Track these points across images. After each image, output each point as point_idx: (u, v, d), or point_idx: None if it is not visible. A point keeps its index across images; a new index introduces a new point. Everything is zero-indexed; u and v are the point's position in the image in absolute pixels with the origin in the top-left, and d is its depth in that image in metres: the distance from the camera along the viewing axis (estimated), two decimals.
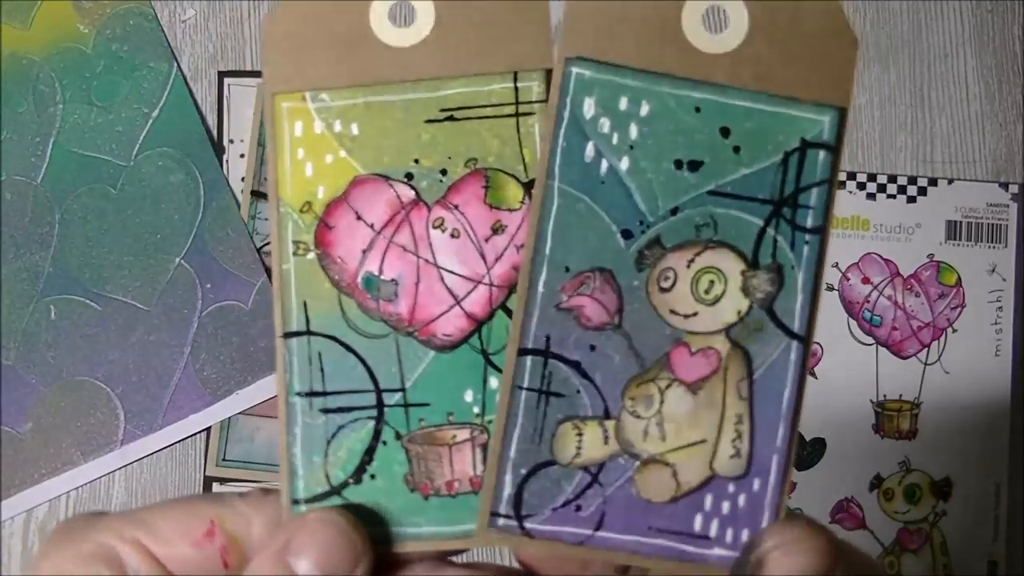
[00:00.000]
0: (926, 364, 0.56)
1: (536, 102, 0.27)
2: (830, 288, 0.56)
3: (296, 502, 0.26)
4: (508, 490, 0.27)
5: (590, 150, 0.27)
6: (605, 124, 0.27)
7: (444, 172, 0.27)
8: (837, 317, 0.56)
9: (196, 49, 0.58)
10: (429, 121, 0.27)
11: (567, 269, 0.27)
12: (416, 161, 0.27)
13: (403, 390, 0.27)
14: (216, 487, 0.56)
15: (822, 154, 0.27)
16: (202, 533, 0.26)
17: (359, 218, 0.27)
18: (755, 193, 0.27)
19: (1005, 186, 0.56)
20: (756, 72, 0.27)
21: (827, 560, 0.25)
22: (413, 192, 0.27)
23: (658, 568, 0.26)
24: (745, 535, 0.27)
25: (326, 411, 0.27)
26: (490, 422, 0.27)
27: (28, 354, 0.56)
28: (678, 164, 0.27)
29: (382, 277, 0.27)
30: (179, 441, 0.56)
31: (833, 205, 0.27)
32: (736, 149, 0.27)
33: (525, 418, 0.27)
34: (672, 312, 0.27)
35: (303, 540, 0.25)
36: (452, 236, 0.27)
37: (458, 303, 0.27)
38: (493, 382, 0.27)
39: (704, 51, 0.27)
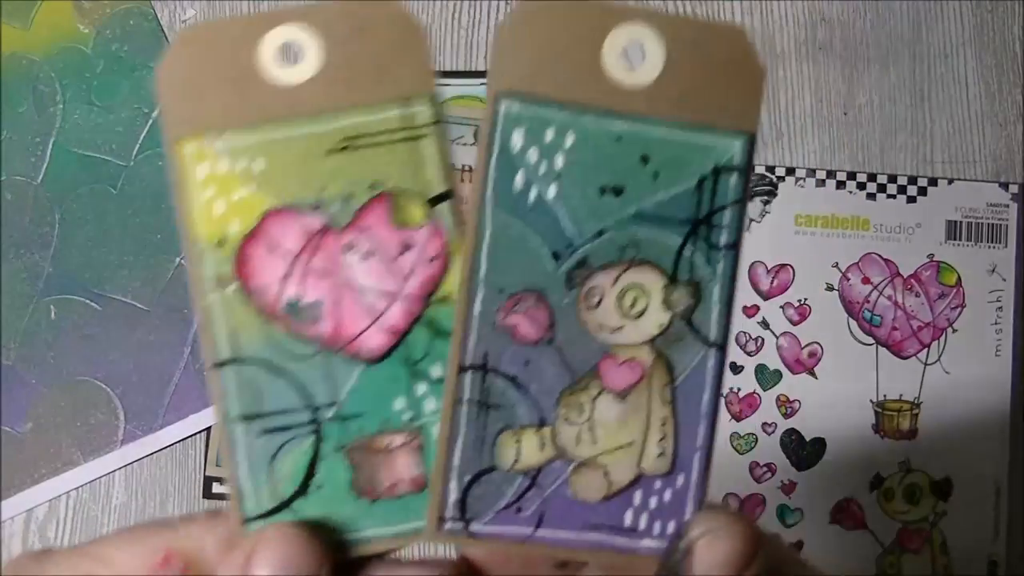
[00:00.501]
0: (926, 364, 0.56)
1: (426, 125, 0.29)
2: (830, 288, 0.56)
3: (248, 520, 0.28)
4: (454, 496, 0.29)
5: (520, 179, 0.29)
6: (533, 154, 0.29)
7: (350, 198, 0.29)
8: (837, 317, 0.56)
9: None
10: (330, 152, 0.29)
11: (501, 290, 0.29)
12: (322, 190, 0.29)
13: (337, 404, 0.29)
14: (216, 487, 0.56)
15: (734, 177, 0.30)
16: (158, 561, 0.27)
17: (275, 248, 0.29)
18: (674, 215, 0.30)
19: (1005, 186, 0.56)
20: (671, 103, 0.29)
21: (749, 545, 0.27)
22: (322, 220, 0.29)
23: (594, 560, 0.29)
24: (672, 527, 0.29)
25: (265, 431, 0.28)
26: (421, 427, 0.29)
27: (28, 354, 0.56)
28: (602, 190, 0.29)
29: (304, 301, 0.29)
30: (179, 441, 0.56)
31: (744, 222, 0.30)
32: (655, 175, 0.29)
33: (467, 429, 0.29)
34: (600, 327, 0.29)
35: (264, 553, 0.26)
36: (364, 257, 0.29)
37: (377, 319, 0.29)
38: (420, 388, 0.29)
39: (623, 84, 0.29)
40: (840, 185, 0.56)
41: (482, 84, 0.57)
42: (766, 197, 0.56)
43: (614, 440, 0.30)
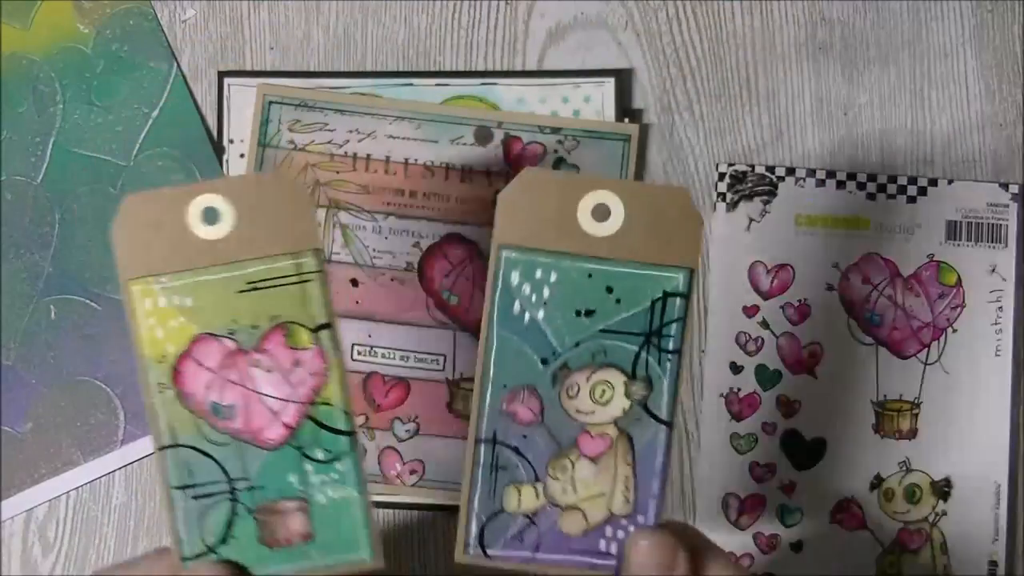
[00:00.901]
0: (926, 364, 0.56)
1: (311, 272, 0.40)
2: (830, 288, 0.56)
3: (185, 559, 0.39)
4: (475, 530, 0.41)
5: (517, 306, 0.40)
6: (526, 288, 0.40)
7: (256, 327, 0.40)
8: (837, 317, 0.56)
9: (196, 49, 0.58)
10: (240, 292, 0.40)
11: (504, 386, 0.40)
12: (234, 321, 0.40)
13: (247, 479, 0.40)
14: None
15: (678, 300, 0.41)
16: None
17: (200, 365, 0.40)
18: (632, 329, 0.41)
19: (1005, 186, 0.56)
20: (630, 248, 0.40)
21: (667, 548, 0.39)
22: (235, 343, 0.40)
23: None
24: None
25: (196, 497, 0.40)
26: (308, 496, 0.40)
27: (28, 354, 0.56)
28: (577, 313, 0.41)
29: (222, 404, 0.40)
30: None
31: (688, 333, 0.41)
32: (618, 300, 0.41)
33: (483, 484, 0.41)
34: (578, 411, 0.41)
35: None
36: (267, 371, 0.40)
37: (276, 417, 0.40)
38: (308, 467, 0.40)
39: (593, 235, 0.40)
40: (840, 185, 0.56)
41: (482, 84, 0.56)
42: (766, 197, 0.56)
43: (590, 491, 0.42)
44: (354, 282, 0.56)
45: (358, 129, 0.56)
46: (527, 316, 0.41)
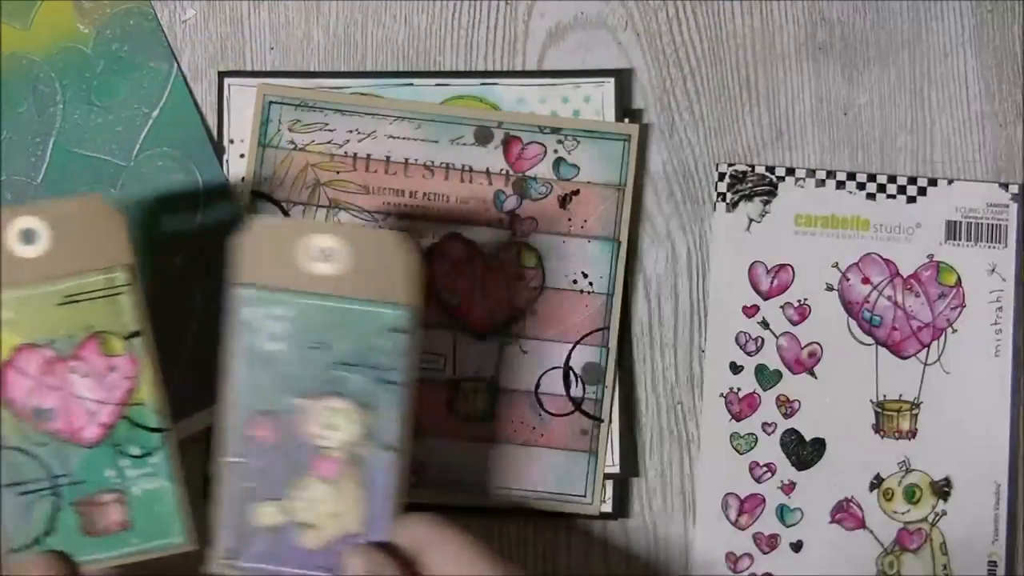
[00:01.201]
0: (926, 364, 0.56)
1: (122, 285, 0.45)
2: (830, 288, 0.56)
3: (14, 550, 0.44)
4: (225, 544, 0.45)
5: (255, 340, 0.45)
6: (264, 323, 0.45)
7: (72, 337, 0.45)
8: (837, 317, 0.56)
9: (196, 49, 0.58)
10: (58, 305, 0.45)
11: (247, 412, 0.45)
12: (53, 332, 0.45)
13: (68, 474, 0.45)
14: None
15: (400, 336, 0.45)
16: None
17: (23, 372, 0.45)
18: (360, 362, 0.46)
19: (1005, 186, 0.56)
20: (356, 286, 0.45)
21: (371, 560, 0.44)
22: (54, 352, 0.45)
23: None
24: None
25: (23, 494, 0.44)
26: (125, 488, 0.45)
27: None
28: (311, 346, 0.45)
29: (44, 407, 0.45)
30: (179, 441, 0.55)
31: (412, 369, 0.45)
32: (347, 335, 0.45)
33: (231, 501, 0.45)
34: (312, 436, 0.46)
35: (29, 567, 0.44)
36: (83, 376, 0.45)
37: (93, 417, 0.45)
38: (123, 463, 0.45)
39: (323, 275, 0.45)
40: (840, 185, 0.56)
41: (482, 84, 0.56)
42: (766, 197, 0.56)
43: (326, 510, 0.46)
44: None
45: (358, 129, 0.56)
46: (265, 349, 0.46)
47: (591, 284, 0.55)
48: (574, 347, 0.55)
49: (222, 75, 0.57)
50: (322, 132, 0.56)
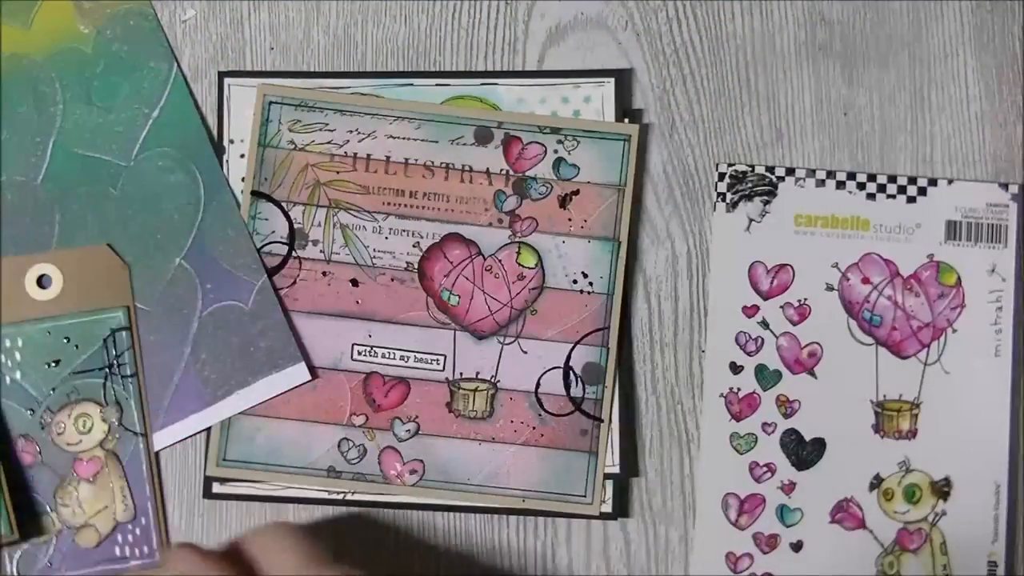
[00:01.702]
0: (926, 364, 0.56)
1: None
2: (830, 288, 0.56)
3: None
4: (11, 563, 0.52)
5: None
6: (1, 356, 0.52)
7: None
8: (837, 317, 0.56)
9: (196, 49, 0.58)
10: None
11: (6, 439, 0.52)
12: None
13: None
14: (216, 487, 0.56)
15: (124, 333, 0.54)
16: None
17: None
18: (94, 366, 0.54)
19: (1005, 186, 0.56)
20: (73, 302, 0.54)
21: (177, 559, 0.43)
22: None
23: None
24: (145, 550, 0.54)
25: None
26: None
27: None
28: (47, 364, 0.53)
29: None
30: (179, 441, 0.56)
31: (141, 359, 0.54)
32: (76, 346, 0.53)
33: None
34: (68, 444, 0.53)
35: None
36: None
37: None
38: None
39: (41, 300, 0.53)
40: (840, 185, 0.56)
41: (482, 84, 0.56)
42: (766, 197, 0.56)
43: (94, 508, 0.53)
44: (354, 282, 0.56)
45: (358, 129, 0.56)
46: (7, 378, 0.53)
47: (591, 284, 0.55)
48: (574, 347, 0.55)
49: (222, 75, 0.57)
50: (322, 132, 0.56)
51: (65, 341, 0.54)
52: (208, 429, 0.55)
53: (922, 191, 0.56)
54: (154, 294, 0.56)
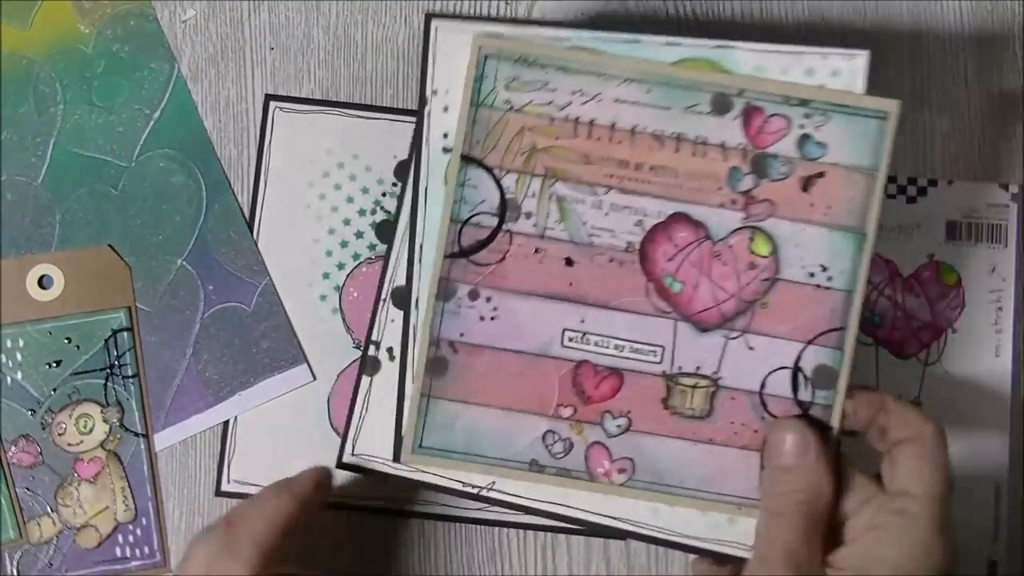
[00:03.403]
0: (926, 364, 0.56)
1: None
2: None
3: None
4: (10, 566, 0.52)
5: None
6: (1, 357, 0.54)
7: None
8: None
9: (196, 49, 0.58)
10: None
11: (5, 440, 0.53)
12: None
13: None
14: (225, 485, 0.56)
15: (126, 334, 0.54)
16: None
17: None
18: (95, 367, 0.55)
19: (1005, 186, 0.57)
20: (75, 303, 0.54)
21: (801, 435, 0.48)
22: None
23: None
24: (146, 551, 0.54)
25: None
26: None
27: None
28: (48, 365, 0.54)
29: None
30: (180, 441, 0.56)
31: (143, 359, 0.55)
32: (77, 347, 0.54)
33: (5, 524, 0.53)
34: (69, 444, 0.54)
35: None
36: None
37: None
38: None
39: (43, 300, 0.54)
40: None
41: (717, 47, 0.50)
42: None
43: (95, 508, 0.54)
44: (568, 261, 0.50)
45: (582, 91, 0.49)
46: (8, 379, 0.54)
47: (830, 279, 0.49)
48: (806, 347, 0.49)
49: (429, 16, 0.50)
50: (542, 92, 0.49)
51: (66, 342, 0.54)
52: (399, 413, 0.51)
53: (922, 191, 0.56)
54: (156, 295, 0.56)
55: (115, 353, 0.55)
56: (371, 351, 0.52)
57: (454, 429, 0.50)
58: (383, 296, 0.52)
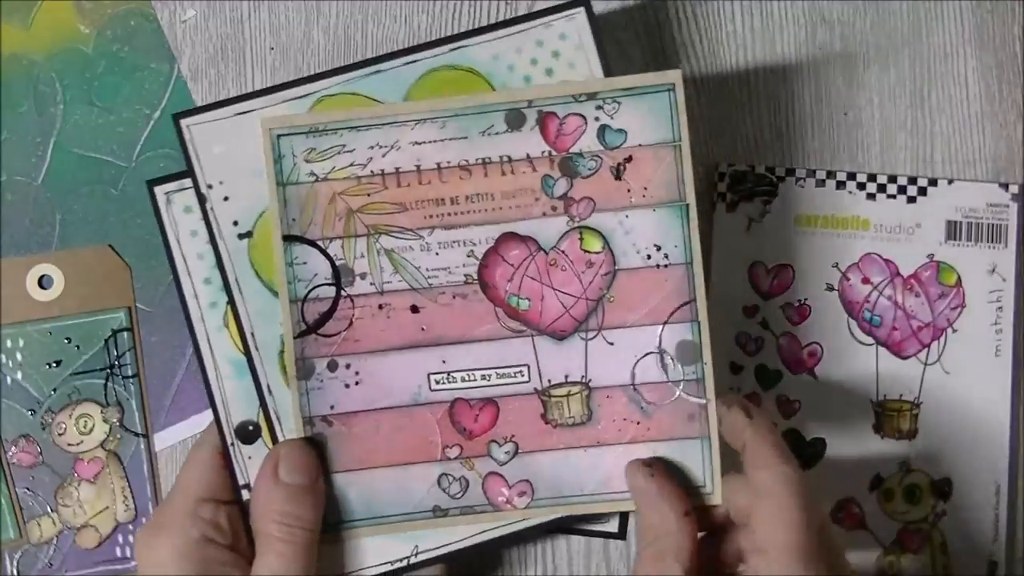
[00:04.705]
0: (926, 364, 0.56)
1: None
2: (830, 288, 0.56)
3: None
4: (11, 566, 0.52)
5: None
6: (2, 357, 0.54)
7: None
8: (837, 317, 0.56)
9: (196, 49, 0.58)
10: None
11: (5, 440, 0.53)
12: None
13: None
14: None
15: (126, 334, 0.54)
16: None
17: None
18: (95, 367, 0.55)
19: (1005, 186, 0.57)
20: (75, 304, 0.54)
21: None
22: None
23: None
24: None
25: None
26: None
27: None
28: (49, 365, 0.54)
29: None
30: (180, 441, 0.56)
31: (143, 358, 0.55)
32: (77, 347, 0.54)
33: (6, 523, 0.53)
34: (69, 444, 0.54)
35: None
36: None
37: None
38: None
39: (43, 301, 0.54)
40: (840, 185, 0.57)
41: (452, 50, 0.52)
42: (766, 197, 0.57)
43: (95, 508, 0.54)
44: (414, 308, 0.50)
45: (379, 143, 0.50)
46: (8, 379, 0.54)
47: (666, 256, 0.50)
48: (663, 327, 0.50)
49: (176, 117, 0.50)
50: (342, 155, 0.50)
51: (66, 342, 0.54)
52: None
53: (922, 191, 0.56)
54: (155, 295, 0.56)
55: (115, 353, 0.55)
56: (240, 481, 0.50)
57: (349, 499, 0.50)
58: (230, 441, 0.50)
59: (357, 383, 0.50)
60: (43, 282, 0.54)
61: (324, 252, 0.50)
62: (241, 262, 0.50)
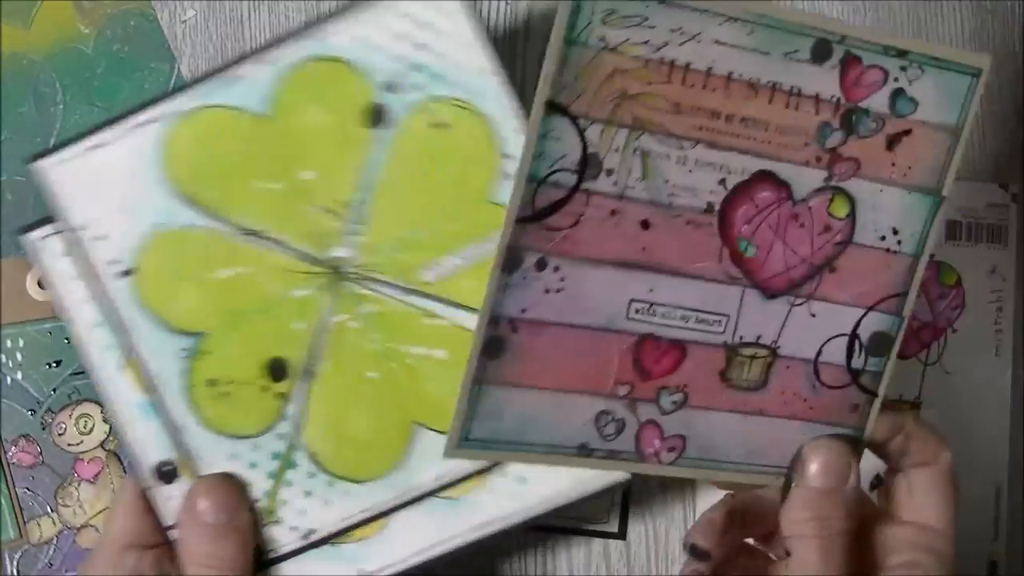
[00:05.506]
0: (926, 364, 0.56)
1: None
2: None
3: None
4: (10, 566, 0.53)
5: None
6: (2, 357, 0.54)
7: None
8: None
9: (196, 49, 0.58)
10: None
11: (5, 439, 0.54)
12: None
13: None
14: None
15: None
16: None
17: None
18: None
19: (1005, 186, 0.57)
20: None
21: (843, 458, 0.47)
22: None
23: None
24: None
25: None
26: None
27: None
28: (49, 364, 0.54)
29: None
30: None
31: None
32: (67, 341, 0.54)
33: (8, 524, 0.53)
34: (69, 444, 0.54)
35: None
36: None
37: None
38: None
39: (45, 301, 0.54)
40: None
41: None
42: None
43: (95, 508, 0.54)
44: (645, 224, 0.44)
45: (682, 29, 0.43)
46: (8, 379, 0.54)
47: (899, 243, 0.46)
48: (867, 312, 0.47)
49: (33, 159, 0.48)
50: (640, 29, 0.43)
51: (66, 342, 0.54)
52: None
53: None
54: None
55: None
56: None
57: (503, 417, 0.44)
58: (149, 484, 0.47)
59: (559, 290, 0.44)
60: (43, 282, 0.54)
61: (581, 134, 0.43)
62: (127, 301, 0.47)
